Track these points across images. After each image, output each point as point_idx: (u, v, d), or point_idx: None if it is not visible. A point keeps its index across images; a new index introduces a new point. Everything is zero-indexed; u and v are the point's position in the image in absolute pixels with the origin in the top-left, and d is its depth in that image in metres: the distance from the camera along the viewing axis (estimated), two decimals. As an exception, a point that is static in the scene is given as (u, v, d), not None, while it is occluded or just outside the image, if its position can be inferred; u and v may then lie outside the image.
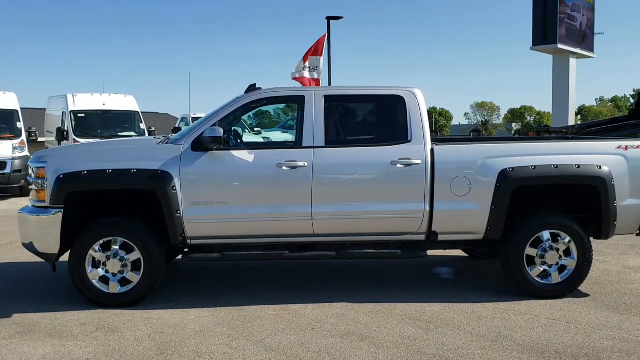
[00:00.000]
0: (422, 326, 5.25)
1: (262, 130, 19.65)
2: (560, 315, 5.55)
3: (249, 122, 21.88)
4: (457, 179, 5.92)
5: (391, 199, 5.92)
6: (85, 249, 5.74)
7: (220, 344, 4.83)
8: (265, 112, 23.76)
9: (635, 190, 6.10)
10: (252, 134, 18.71)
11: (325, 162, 5.88)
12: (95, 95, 18.15)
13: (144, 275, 5.79)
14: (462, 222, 6.01)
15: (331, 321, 5.38)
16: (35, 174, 5.82)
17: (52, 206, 5.71)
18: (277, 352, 4.67)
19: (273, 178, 5.85)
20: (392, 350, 4.71)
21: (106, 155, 5.97)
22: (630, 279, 6.89)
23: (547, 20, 24.21)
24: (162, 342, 4.88)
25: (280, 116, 22.96)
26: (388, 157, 5.91)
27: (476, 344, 4.84)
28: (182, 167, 5.76)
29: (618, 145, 6.14)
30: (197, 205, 5.78)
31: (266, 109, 21.63)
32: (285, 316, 5.52)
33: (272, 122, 22.93)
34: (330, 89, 6.74)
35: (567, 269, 6.07)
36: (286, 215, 5.86)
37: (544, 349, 4.72)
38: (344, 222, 5.95)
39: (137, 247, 5.76)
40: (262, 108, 16.66)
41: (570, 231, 6.01)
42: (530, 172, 5.92)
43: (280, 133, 18.28)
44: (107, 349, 4.73)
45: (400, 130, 6.05)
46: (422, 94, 6.18)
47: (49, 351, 4.71)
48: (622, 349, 4.72)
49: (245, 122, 20.28)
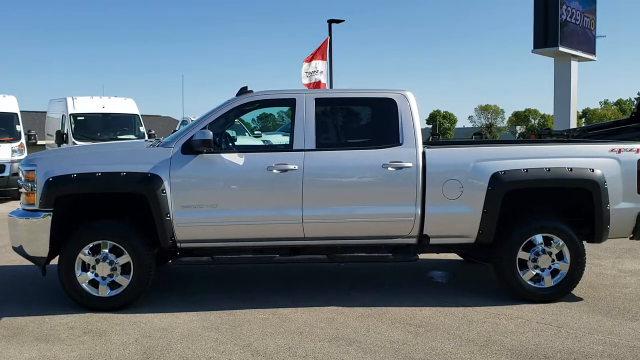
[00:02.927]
0: (412, 330, 5.21)
1: (264, 133, 19.64)
2: (552, 319, 5.50)
3: (252, 125, 21.89)
4: (449, 182, 5.89)
5: (382, 202, 5.89)
6: (75, 252, 5.72)
7: (207, 348, 4.80)
8: (269, 115, 23.78)
9: (628, 194, 6.05)
10: (252, 137, 18.71)
11: (315, 165, 5.85)
12: (95, 98, 18.18)
13: (133, 278, 5.77)
14: (454, 226, 5.97)
15: (320, 325, 5.35)
16: (25, 177, 5.82)
17: (41, 209, 5.69)
18: (264, 356, 4.64)
19: (263, 181, 5.82)
20: (380, 354, 4.67)
21: (96, 158, 5.96)
22: (625, 282, 6.83)
23: (548, 23, 24.10)
24: (148, 346, 4.86)
25: (285, 119, 22.95)
26: (379, 160, 5.88)
27: (465, 348, 4.79)
28: (172, 170, 5.74)
29: (611, 148, 6.10)
30: (186, 208, 5.75)
31: (270, 112, 21.62)
32: (274, 320, 5.49)
33: (276, 125, 22.93)
34: (322, 92, 6.74)
35: (559, 272, 6.02)
36: (276, 219, 5.83)
37: (533, 353, 4.67)
38: (335, 226, 5.91)
39: (127, 251, 5.74)
40: (266, 111, 16.55)
41: (563, 235, 5.96)
42: (522, 175, 5.87)
43: (281, 136, 18.26)
44: (92, 353, 4.71)
45: (391, 133, 6.01)
46: (414, 96, 6.14)
47: (34, 355, 4.68)
48: (612, 353, 4.67)
49: (246, 126, 20.28)
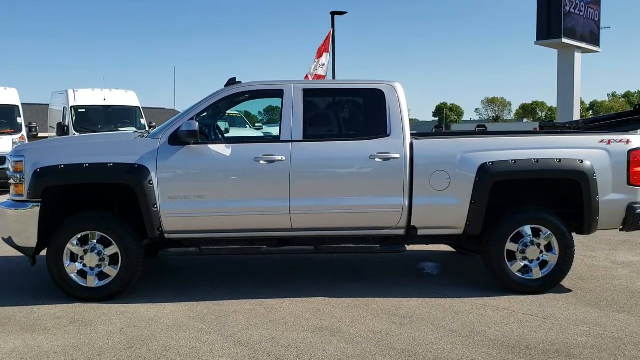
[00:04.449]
0: (396, 321, 5.21)
1: (267, 125, 19.61)
2: (538, 310, 5.49)
3: (259, 118, 21.88)
4: (436, 174, 5.87)
5: (370, 193, 5.88)
6: (63, 242, 5.74)
7: (190, 338, 4.82)
8: (275, 108, 23.71)
9: (618, 185, 6.01)
10: (252, 129, 18.70)
11: (303, 156, 5.84)
12: (96, 90, 18.23)
13: (121, 269, 5.79)
14: (442, 217, 5.95)
15: (306, 316, 5.36)
16: (14, 168, 5.84)
17: (29, 200, 5.72)
18: (246, 346, 4.65)
19: (250, 172, 5.82)
20: (362, 345, 4.67)
21: (84, 149, 5.97)
22: (616, 274, 6.81)
23: (551, 14, 23.98)
24: (132, 335, 4.88)
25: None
26: (366, 152, 5.87)
27: (447, 339, 4.79)
28: (159, 161, 5.75)
29: (601, 139, 6.06)
30: (174, 199, 5.76)
31: (277, 104, 21.58)
32: (260, 311, 5.51)
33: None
34: (310, 83, 6.74)
35: (548, 264, 6.00)
36: (264, 210, 5.84)
37: (515, 344, 4.67)
38: (322, 217, 5.91)
39: (115, 241, 5.76)
40: (272, 103, 16.52)
41: (552, 226, 5.94)
42: (510, 166, 5.85)
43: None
44: (76, 343, 4.73)
45: (379, 124, 5.99)
46: (403, 87, 6.12)
47: (19, 344, 4.72)
48: (595, 345, 4.66)
49: (251, 118, 20.26)
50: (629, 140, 6.05)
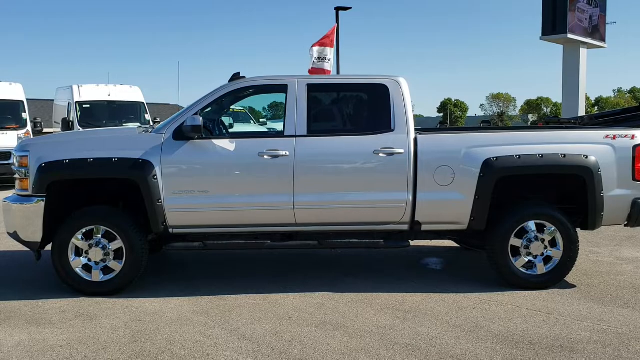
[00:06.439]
0: (400, 316, 5.22)
1: (272, 121, 19.61)
2: (542, 306, 5.49)
3: (264, 113, 21.88)
4: (441, 169, 5.86)
5: (373, 188, 5.88)
6: (68, 237, 5.76)
7: (195, 332, 4.84)
8: (279, 104, 23.73)
9: (623, 180, 5.99)
10: (256, 124, 18.71)
11: (307, 151, 5.84)
12: (101, 86, 18.25)
13: (126, 263, 5.81)
14: (446, 212, 5.95)
15: (310, 310, 5.37)
16: (19, 163, 5.86)
17: (34, 195, 5.74)
18: (250, 340, 4.67)
19: (254, 167, 5.83)
20: (366, 339, 4.68)
21: (88, 144, 5.98)
22: (620, 270, 6.80)
23: (557, 9, 23.87)
24: (137, 330, 4.90)
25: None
26: (370, 147, 5.87)
27: (451, 333, 4.80)
28: (164, 156, 5.76)
29: (606, 134, 6.04)
30: (178, 194, 5.78)
31: (281, 100, 21.57)
32: (264, 305, 5.52)
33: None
34: (314, 78, 6.72)
35: (552, 259, 5.99)
36: (268, 205, 5.84)
37: (519, 339, 4.67)
38: (326, 212, 5.91)
39: (120, 236, 5.78)
40: (276, 99, 16.46)
41: (556, 221, 5.93)
42: (515, 161, 5.84)
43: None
44: (81, 336, 4.76)
45: (383, 119, 5.99)
46: (407, 83, 6.11)
47: (24, 338, 4.74)
48: (599, 340, 4.66)
49: (255, 114, 20.25)
50: (634, 135, 6.03)
